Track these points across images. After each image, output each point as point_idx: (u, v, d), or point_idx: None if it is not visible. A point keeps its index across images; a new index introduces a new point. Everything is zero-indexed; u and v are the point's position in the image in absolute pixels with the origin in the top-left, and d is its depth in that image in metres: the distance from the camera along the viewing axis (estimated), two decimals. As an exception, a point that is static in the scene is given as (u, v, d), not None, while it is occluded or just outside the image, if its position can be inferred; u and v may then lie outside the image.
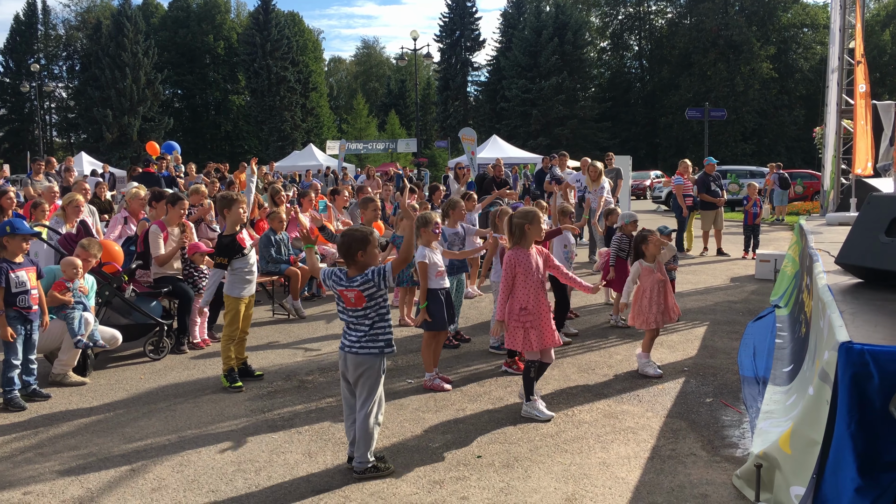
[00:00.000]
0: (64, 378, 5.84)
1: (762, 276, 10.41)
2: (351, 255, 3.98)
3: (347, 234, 4.04)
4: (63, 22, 62.04)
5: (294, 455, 4.34)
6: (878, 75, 46.57)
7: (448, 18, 63.77)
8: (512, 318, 4.85)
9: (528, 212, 4.92)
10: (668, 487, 3.81)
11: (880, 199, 4.64)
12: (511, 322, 4.85)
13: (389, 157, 49.56)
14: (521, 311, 4.81)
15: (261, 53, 56.28)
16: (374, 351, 3.98)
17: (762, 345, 6.25)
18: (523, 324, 4.81)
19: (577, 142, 52.06)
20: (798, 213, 20.07)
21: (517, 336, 4.84)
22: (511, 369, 5.96)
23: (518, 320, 4.82)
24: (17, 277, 5.25)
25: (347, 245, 3.98)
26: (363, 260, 3.99)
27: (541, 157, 21.14)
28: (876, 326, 3.40)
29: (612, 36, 65.07)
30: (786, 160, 45.06)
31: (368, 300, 3.98)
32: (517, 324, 4.82)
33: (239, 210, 5.80)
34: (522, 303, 4.82)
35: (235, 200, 5.84)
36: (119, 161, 46.33)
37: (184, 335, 6.91)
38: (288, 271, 8.46)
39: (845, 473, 2.92)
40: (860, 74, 10.13)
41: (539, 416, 4.85)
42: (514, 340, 4.87)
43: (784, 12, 57.76)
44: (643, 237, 5.99)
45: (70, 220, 7.54)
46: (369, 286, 3.96)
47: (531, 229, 4.84)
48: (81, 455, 4.40)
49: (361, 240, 3.98)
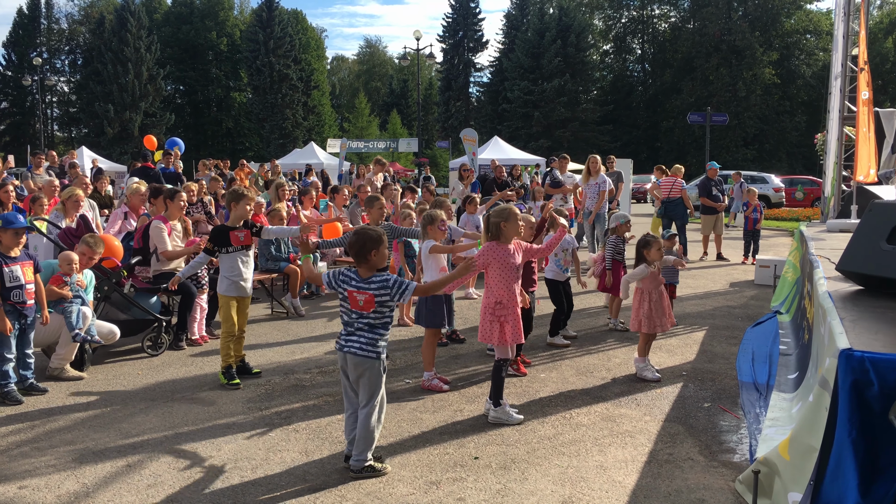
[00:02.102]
0: (61, 372, 5.83)
1: (762, 282, 10.41)
2: (364, 254, 3.95)
3: (361, 232, 4.01)
4: (66, 16, 62.13)
5: (291, 453, 4.33)
6: (880, 83, 46.56)
7: (451, 19, 63.80)
8: (487, 312, 4.81)
9: (504, 209, 4.91)
10: (665, 492, 3.80)
11: (882, 206, 4.63)
12: (486, 316, 4.82)
13: (390, 156, 49.54)
14: (496, 305, 4.78)
15: (263, 51, 56.27)
16: (371, 355, 3.96)
17: (762, 350, 6.24)
18: (499, 318, 4.77)
19: (578, 144, 52.08)
20: (798, 219, 20.05)
21: (493, 330, 4.78)
22: (511, 370, 5.95)
23: (493, 314, 4.78)
24: (12, 272, 5.21)
25: (361, 244, 3.94)
26: (375, 259, 3.96)
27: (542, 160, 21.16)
28: (876, 334, 3.39)
29: (615, 39, 65.13)
30: (787, 166, 45.14)
31: (378, 307, 3.93)
32: (492, 317, 4.78)
33: (245, 207, 5.77)
34: (497, 297, 4.79)
35: (244, 196, 5.82)
36: (120, 156, 46.34)
37: (183, 331, 6.90)
38: (287, 269, 8.46)
39: (845, 481, 2.92)
40: (863, 81, 10.12)
41: (510, 421, 4.80)
42: (490, 334, 4.80)
43: (787, 18, 57.78)
44: (646, 242, 5.96)
45: (70, 214, 7.53)
46: (384, 294, 3.92)
47: (507, 226, 4.81)
48: (78, 450, 4.39)
49: (376, 239, 3.95)
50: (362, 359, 3.93)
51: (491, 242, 4.87)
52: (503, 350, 4.84)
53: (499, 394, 4.85)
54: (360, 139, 50.64)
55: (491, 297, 4.82)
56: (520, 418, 4.84)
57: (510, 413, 4.85)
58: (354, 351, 3.94)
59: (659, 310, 5.84)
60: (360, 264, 3.99)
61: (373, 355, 3.93)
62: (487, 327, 4.82)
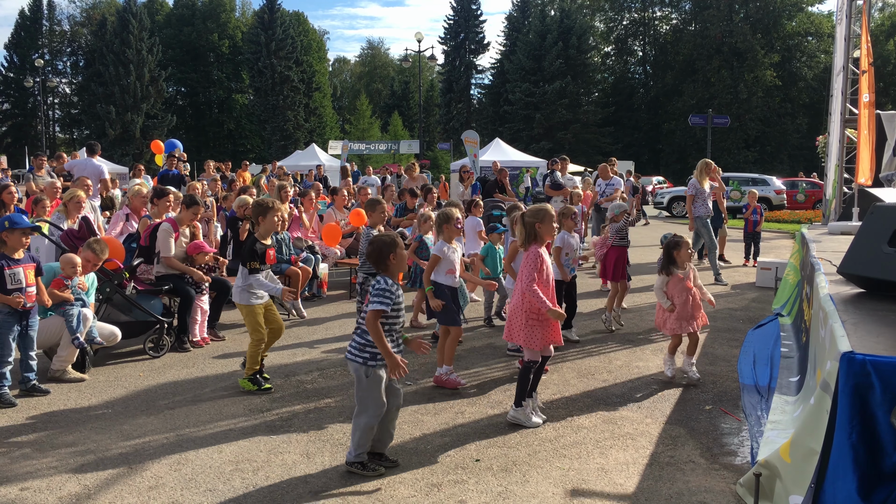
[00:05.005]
0: (63, 374, 5.83)
1: (763, 284, 10.40)
2: (382, 259, 4.06)
3: (376, 240, 4.11)
4: (68, 18, 62.33)
5: (292, 456, 4.33)
6: (881, 85, 46.53)
7: (452, 21, 63.86)
8: (520, 314, 4.73)
9: (539, 210, 4.88)
10: (666, 494, 3.79)
11: (884, 209, 4.63)
12: (520, 318, 4.73)
13: (392, 158, 49.58)
14: (532, 308, 4.71)
15: (265, 52, 56.34)
16: (357, 360, 4.04)
17: (763, 353, 6.24)
18: (534, 321, 4.71)
19: (579, 146, 52.14)
20: (800, 221, 20.05)
21: (532, 334, 4.72)
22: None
23: (528, 317, 4.71)
24: (14, 274, 5.20)
25: (379, 250, 4.05)
26: (395, 262, 4.06)
27: (544, 162, 21.19)
28: (878, 337, 3.39)
29: (617, 41, 65.17)
30: (788, 168, 45.09)
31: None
32: (526, 320, 4.70)
33: (273, 219, 5.47)
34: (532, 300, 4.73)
35: (271, 209, 5.46)
36: (121, 158, 46.38)
37: (184, 333, 6.90)
38: (289, 271, 8.45)
39: (845, 483, 2.92)
40: (865, 84, 10.13)
41: (526, 423, 4.79)
42: (527, 337, 4.72)
43: (789, 20, 57.83)
44: (676, 243, 5.91)
45: (72, 215, 7.54)
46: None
47: (542, 227, 4.78)
48: (79, 452, 4.39)
49: (391, 243, 4.07)
50: (350, 363, 4.11)
51: (534, 246, 4.78)
52: (533, 353, 4.79)
53: (522, 395, 4.83)
54: (362, 141, 50.75)
55: (526, 300, 4.73)
56: (538, 422, 4.82)
57: (529, 416, 4.83)
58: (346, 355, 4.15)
59: (685, 312, 5.83)
60: (380, 270, 4.10)
61: (359, 360, 4.05)
62: (520, 329, 4.74)
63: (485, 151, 29.34)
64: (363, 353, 4.03)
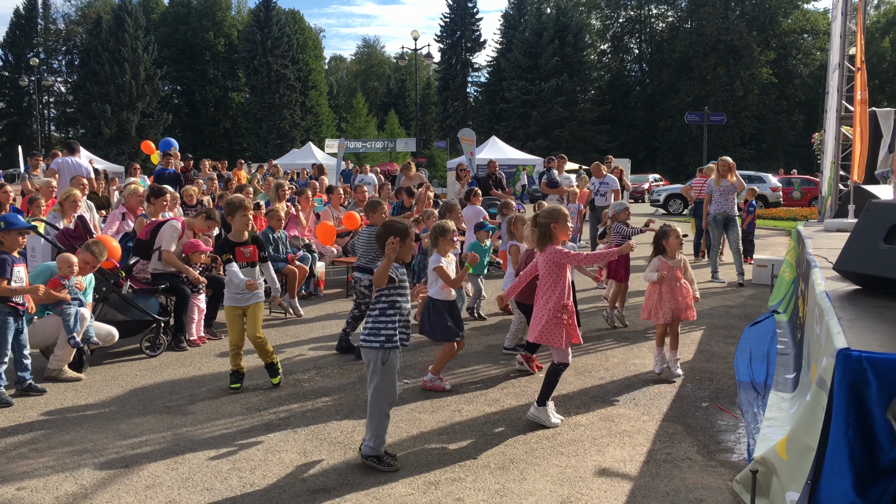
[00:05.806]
0: (59, 373, 5.82)
1: (759, 281, 10.42)
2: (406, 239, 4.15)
3: (389, 224, 4.18)
4: (63, 16, 62.16)
5: (289, 454, 4.33)
6: (877, 82, 46.68)
7: (449, 19, 63.84)
8: (547, 315, 4.71)
9: (553, 210, 4.87)
10: (663, 491, 3.80)
11: (880, 206, 4.64)
12: (547, 319, 4.70)
13: (388, 156, 49.56)
14: (561, 309, 4.70)
15: (261, 51, 56.25)
16: (374, 345, 4.08)
17: (759, 350, 6.25)
18: (562, 322, 4.69)
19: (575, 144, 52.14)
20: (796, 218, 20.08)
21: (558, 334, 4.69)
22: (525, 366, 5.95)
23: (557, 318, 4.69)
24: (17, 273, 5.24)
25: (385, 235, 4.10)
26: (401, 250, 4.11)
27: (540, 160, 21.20)
28: (874, 333, 3.39)
29: (613, 39, 65.20)
30: (784, 165, 45.13)
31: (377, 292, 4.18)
32: (556, 321, 4.69)
33: (242, 217, 5.50)
34: (564, 300, 4.73)
35: (240, 207, 5.50)
36: (117, 157, 46.29)
37: (181, 332, 6.89)
38: (285, 270, 8.45)
39: (842, 480, 2.92)
40: (859, 81, 10.13)
41: (546, 423, 4.77)
42: (554, 337, 4.69)
43: (784, 18, 57.90)
44: (664, 232, 5.97)
45: (68, 215, 7.52)
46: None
47: (557, 227, 4.78)
48: (76, 451, 4.38)
49: (401, 231, 4.12)
50: (364, 350, 4.15)
51: (552, 246, 4.78)
52: (563, 354, 4.74)
53: (547, 395, 4.80)
54: (358, 139, 50.69)
55: (550, 301, 4.71)
56: (557, 422, 4.81)
57: (550, 416, 4.81)
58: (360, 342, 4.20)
59: (670, 300, 5.83)
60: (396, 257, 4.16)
61: (375, 345, 4.10)
62: (550, 331, 4.70)
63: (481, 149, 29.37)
64: (378, 337, 4.07)
